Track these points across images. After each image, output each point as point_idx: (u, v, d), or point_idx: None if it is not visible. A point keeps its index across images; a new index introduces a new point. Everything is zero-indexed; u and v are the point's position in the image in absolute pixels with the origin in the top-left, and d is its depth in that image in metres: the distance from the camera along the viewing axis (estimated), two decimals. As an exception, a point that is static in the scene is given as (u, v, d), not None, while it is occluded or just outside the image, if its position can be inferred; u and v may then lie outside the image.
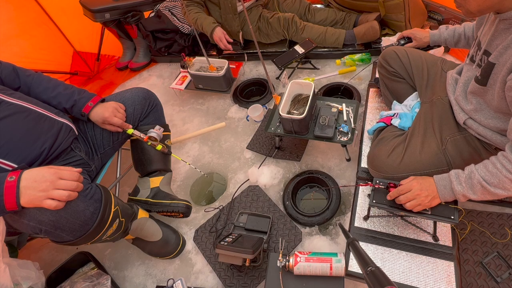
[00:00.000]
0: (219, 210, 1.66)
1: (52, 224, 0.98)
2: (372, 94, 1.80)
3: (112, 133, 1.48)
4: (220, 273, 1.45)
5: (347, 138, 1.53)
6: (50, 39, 2.59)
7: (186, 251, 1.57)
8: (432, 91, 1.37)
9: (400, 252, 1.21)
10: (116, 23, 2.50)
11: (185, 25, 2.49)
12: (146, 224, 1.44)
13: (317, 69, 2.30)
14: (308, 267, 1.17)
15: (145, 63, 2.76)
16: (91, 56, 2.85)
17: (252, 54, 2.48)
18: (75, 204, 1.01)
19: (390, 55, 1.50)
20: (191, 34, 2.56)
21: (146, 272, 1.55)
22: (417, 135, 1.27)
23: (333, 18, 2.33)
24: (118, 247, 1.64)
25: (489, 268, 1.24)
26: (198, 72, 2.12)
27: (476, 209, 1.39)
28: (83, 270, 1.53)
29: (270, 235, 1.50)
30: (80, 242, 1.08)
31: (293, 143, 1.85)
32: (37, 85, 1.34)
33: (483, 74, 1.04)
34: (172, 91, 2.40)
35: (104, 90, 2.65)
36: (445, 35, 1.50)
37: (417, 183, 1.09)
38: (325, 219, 1.52)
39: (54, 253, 1.67)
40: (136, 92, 1.56)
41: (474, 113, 1.14)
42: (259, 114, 1.99)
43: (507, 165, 0.95)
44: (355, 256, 0.86)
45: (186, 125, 2.18)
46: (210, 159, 1.95)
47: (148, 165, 1.56)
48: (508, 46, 0.94)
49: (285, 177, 1.74)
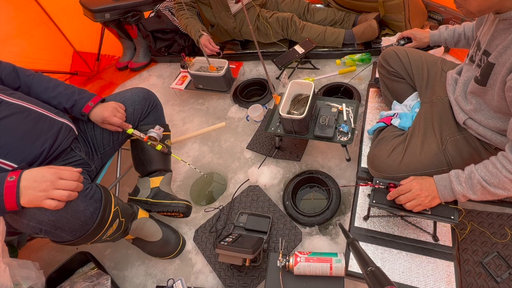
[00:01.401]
0: (219, 210, 1.66)
1: (52, 224, 0.98)
2: (372, 94, 1.80)
3: (112, 133, 1.48)
4: (220, 273, 1.45)
5: (347, 138, 1.52)
6: (50, 39, 2.60)
7: (186, 251, 1.57)
8: (432, 91, 1.37)
9: (400, 252, 1.21)
10: (116, 23, 2.51)
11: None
12: (146, 224, 1.44)
13: (317, 69, 2.30)
14: (308, 267, 1.16)
15: (145, 63, 2.77)
16: (91, 56, 2.86)
17: (252, 54, 2.49)
18: (75, 204, 1.00)
19: (390, 55, 1.50)
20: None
21: (146, 272, 1.55)
22: (417, 135, 1.26)
23: (332, 18, 2.33)
24: (118, 247, 1.64)
25: (489, 268, 1.24)
26: (198, 72, 2.12)
27: (476, 209, 1.39)
28: (83, 270, 1.53)
29: (270, 235, 1.49)
30: (80, 242, 1.08)
31: (293, 143, 1.85)
32: (37, 85, 1.34)
33: (483, 74, 1.03)
34: (172, 91, 2.41)
35: (104, 90, 2.66)
36: (445, 35, 1.49)
37: (417, 183, 1.09)
38: (325, 219, 1.52)
39: (54, 253, 1.67)
40: (136, 92, 1.56)
41: (474, 113, 1.14)
42: (259, 114, 1.99)
43: (507, 165, 0.94)
44: (355, 256, 0.85)
45: (186, 125, 2.18)
46: (210, 159, 1.94)
47: (148, 165, 1.56)
48: (508, 46, 0.94)
49: (285, 177, 1.73)
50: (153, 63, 2.81)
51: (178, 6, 2.23)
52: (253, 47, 2.50)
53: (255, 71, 2.46)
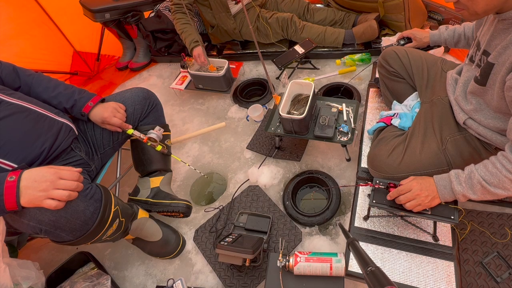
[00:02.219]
0: (219, 210, 1.66)
1: (52, 224, 0.98)
2: (372, 94, 1.80)
3: (112, 133, 1.48)
4: (220, 273, 1.45)
5: (347, 138, 1.52)
6: (50, 39, 2.58)
7: (186, 251, 1.57)
8: (432, 91, 1.37)
9: (400, 252, 1.21)
10: (116, 23, 2.50)
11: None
12: (146, 224, 1.44)
13: (317, 69, 2.29)
14: (308, 267, 1.16)
15: (145, 63, 2.76)
16: (91, 56, 2.84)
17: (252, 54, 2.48)
18: (75, 204, 1.01)
19: (390, 55, 1.50)
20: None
21: (146, 272, 1.55)
22: (417, 135, 1.26)
23: (332, 18, 2.33)
24: (118, 247, 1.64)
25: (489, 268, 1.24)
26: (198, 72, 2.12)
27: (476, 209, 1.39)
28: (83, 270, 1.53)
29: (270, 235, 1.49)
30: (80, 242, 1.08)
31: (293, 143, 1.84)
32: (37, 84, 1.34)
33: (483, 74, 1.03)
34: (172, 91, 2.40)
35: (104, 90, 2.65)
36: (445, 35, 1.49)
37: (417, 183, 1.09)
38: (325, 219, 1.52)
39: (54, 253, 1.67)
40: (136, 92, 1.55)
41: (474, 113, 1.14)
42: (259, 114, 1.99)
43: (507, 165, 0.94)
44: (355, 256, 0.85)
45: (186, 125, 2.18)
46: (210, 159, 1.94)
47: (148, 165, 1.56)
48: (507, 46, 0.94)
49: (285, 177, 1.73)
50: (153, 63, 2.80)
51: (175, 7, 2.15)
52: (253, 47, 2.50)
53: (255, 71, 2.46)
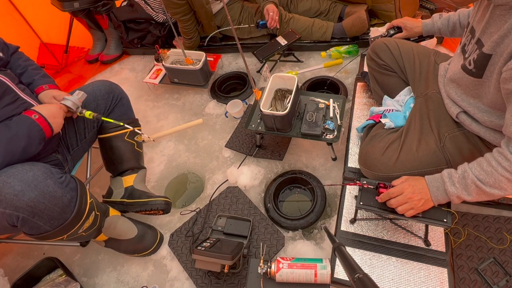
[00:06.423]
0: (196, 213, 1.64)
1: (30, 210, 0.99)
2: (360, 89, 1.78)
3: (77, 132, 1.47)
4: (197, 280, 1.42)
5: (333, 135, 1.51)
6: (14, 30, 2.56)
7: (160, 257, 1.54)
8: (426, 84, 1.35)
9: (390, 258, 1.20)
10: (85, 12, 2.46)
11: (160, 14, 2.42)
12: (119, 222, 1.42)
13: (301, 62, 2.27)
14: (291, 274, 1.17)
15: (117, 55, 2.72)
16: (59, 48, 2.81)
17: (231, 46, 2.47)
18: (52, 190, 1.03)
19: (380, 47, 1.47)
20: (166, 24, 2.49)
21: (117, 279, 1.52)
22: (413, 131, 1.24)
23: (317, 9, 2.29)
24: (88, 252, 1.61)
25: (485, 275, 1.23)
26: (173, 65, 2.10)
27: (471, 212, 1.39)
28: (51, 277, 1.51)
29: (250, 239, 1.49)
30: (57, 233, 1.09)
31: (275, 141, 1.83)
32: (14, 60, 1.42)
33: (478, 66, 0.99)
34: (145, 86, 2.37)
35: (72, 84, 2.62)
36: (439, 24, 1.46)
37: (409, 186, 1.06)
38: (310, 222, 1.50)
39: (19, 259, 1.65)
40: (98, 86, 1.52)
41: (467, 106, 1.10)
42: (239, 110, 1.97)
43: (503, 163, 0.91)
44: (342, 262, 0.85)
45: (160, 121, 2.16)
46: (186, 158, 1.92)
47: (119, 164, 1.55)
48: (505, 35, 0.89)
49: (267, 178, 1.72)
50: (125, 56, 2.77)
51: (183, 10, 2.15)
52: (232, 39, 2.47)
53: (235, 64, 2.44)
